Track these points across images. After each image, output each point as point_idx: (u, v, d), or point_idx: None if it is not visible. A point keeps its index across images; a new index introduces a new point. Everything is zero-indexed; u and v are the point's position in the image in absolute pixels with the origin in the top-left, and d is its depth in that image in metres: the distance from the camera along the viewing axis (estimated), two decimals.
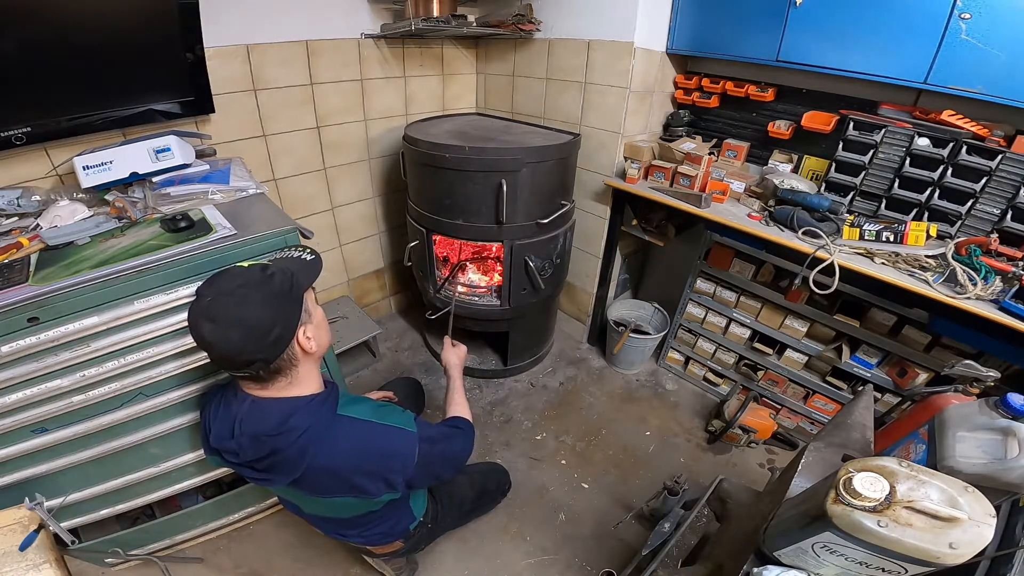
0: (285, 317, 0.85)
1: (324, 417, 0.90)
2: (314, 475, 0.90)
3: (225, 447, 0.90)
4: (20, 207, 1.24)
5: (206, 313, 0.80)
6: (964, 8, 1.25)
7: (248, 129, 1.78)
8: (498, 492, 1.63)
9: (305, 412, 0.88)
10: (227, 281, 0.83)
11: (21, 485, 1.12)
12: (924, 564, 0.56)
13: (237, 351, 0.80)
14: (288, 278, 0.87)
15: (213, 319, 0.79)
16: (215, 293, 0.81)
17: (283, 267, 0.89)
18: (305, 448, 0.87)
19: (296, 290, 0.88)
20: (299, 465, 0.88)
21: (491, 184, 1.69)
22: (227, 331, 0.79)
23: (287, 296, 0.86)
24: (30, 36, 1.19)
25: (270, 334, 0.82)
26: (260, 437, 0.86)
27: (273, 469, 0.89)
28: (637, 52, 1.78)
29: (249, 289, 0.82)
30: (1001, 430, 0.77)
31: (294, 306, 0.87)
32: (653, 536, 1.20)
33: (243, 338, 0.80)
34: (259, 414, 0.88)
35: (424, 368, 2.37)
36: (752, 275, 1.89)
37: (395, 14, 1.97)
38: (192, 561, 1.52)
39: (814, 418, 1.92)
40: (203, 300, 0.81)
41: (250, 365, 0.83)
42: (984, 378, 1.05)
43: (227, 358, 0.82)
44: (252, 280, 0.83)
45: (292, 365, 0.88)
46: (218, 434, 0.92)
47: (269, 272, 0.86)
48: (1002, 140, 1.38)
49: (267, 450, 0.87)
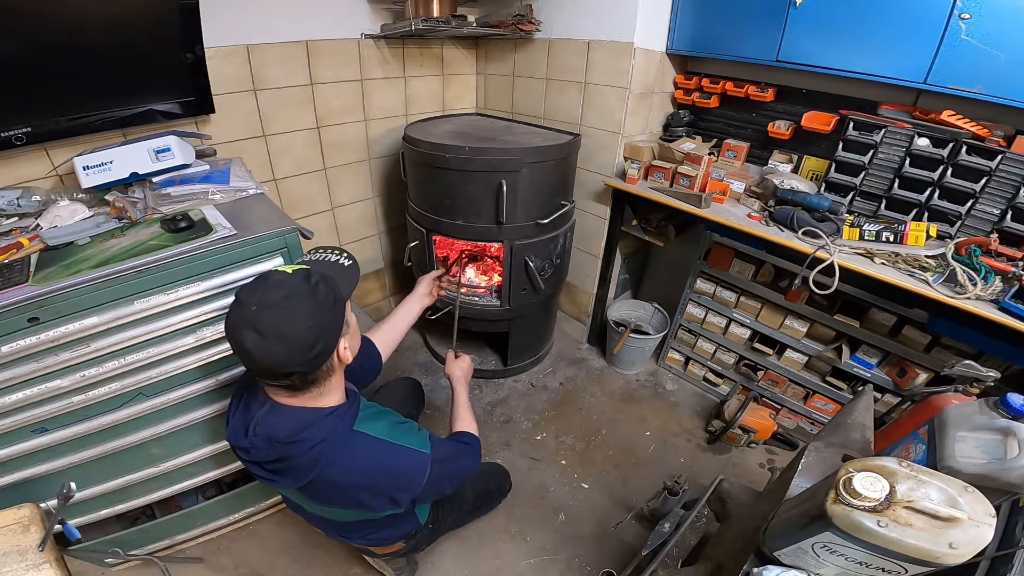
0: (329, 331, 0.83)
1: (340, 431, 0.89)
2: (321, 485, 0.90)
3: (238, 444, 0.90)
4: (20, 207, 1.24)
5: (251, 323, 0.77)
6: (964, 8, 1.25)
7: (248, 129, 1.78)
8: (498, 493, 1.63)
9: (322, 424, 0.87)
10: (272, 291, 0.80)
11: (21, 485, 1.12)
12: (924, 564, 0.56)
13: (279, 364, 0.79)
14: (331, 289, 0.85)
15: (258, 330, 0.77)
16: (260, 303, 0.78)
17: (324, 275, 0.86)
18: (317, 459, 0.87)
19: (339, 303, 0.87)
20: (308, 474, 0.88)
21: (491, 184, 1.69)
22: (272, 345, 0.77)
23: (332, 309, 0.84)
24: (31, 36, 1.18)
25: (314, 349, 0.80)
26: (274, 442, 0.86)
27: (281, 473, 0.89)
28: (637, 52, 1.78)
29: (295, 301, 0.79)
30: (1001, 430, 0.77)
31: (338, 317, 0.86)
32: (653, 536, 1.19)
33: (288, 352, 0.78)
34: (277, 419, 0.87)
35: (424, 368, 2.37)
36: (752, 275, 1.89)
37: (395, 14, 1.97)
38: (192, 561, 1.52)
39: (814, 418, 1.92)
40: (247, 308, 0.78)
41: (288, 376, 0.81)
42: (984, 378, 1.05)
43: (267, 369, 0.80)
44: (297, 291, 0.80)
45: (328, 376, 0.88)
46: (233, 430, 0.92)
47: (313, 282, 0.83)
48: (1002, 140, 1.38)
49: (278, 455, 0.86)
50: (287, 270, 0.85)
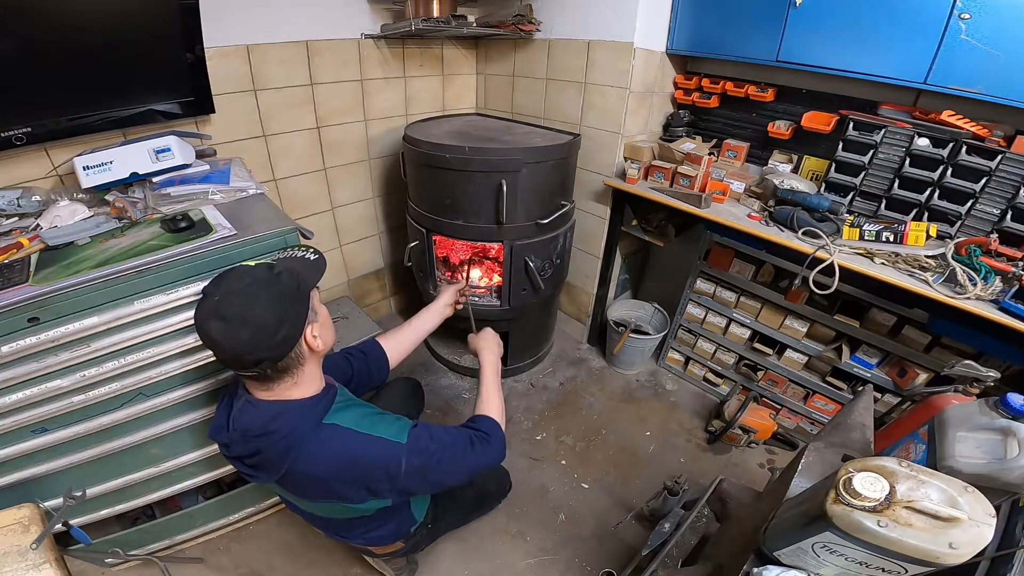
0: (293, 315, 0.85)
1: (308, 422, 0.89)
2: (296, 478, 0.91)
3: (220, 439, 0.92)
4: (20, 207, 1.24)
5: (215, 312, 0.80)
6: (964, 8, 1.25)
7: (248, 129, 1.78)
8: (498, 493, 1.62)
9: (290, 416, 0.88)
10: (235, 280, 0.83)
11: (21, 485, 1.12)
12: (924, 564, 0.56)
13: (247, 350, 0.80)
14: (295, 277, 0.87)
15: (222, 317, 0.79)
16: (223, 292, 0.81)
17: (289, 266, 0.90)
18: (286, 452, 0.88)
19: (303, 288, 0.89)
20: (280, 466, 0.89)
21: (491, 184, 1.69)
22: (237, 330, 0.79)
23: (295, 294, 0.86)
24: (30, 36, 1.18)
25: (279, 332, 0.82)
26: (248, 436, 0.88)
27: (258, 467, 0.91)
28: (637, 52, 1.78)
29: (257, 288, 0.82)
30: (1001, 430, 0.77)
31: (302, 304, 0.88)
32: (653, 536, 1.19)
33: (253, 336, 0.80)
34: (250, 413, 0.88)
35: (424, 368, 2.37)
36: (752, 275, 1.89)
37: (395, 14, 1.97)
38: (192, 561, 1.52)
39: (814, 418, 1.92)
40: (211, 299, 0.81)
41: (258, 364, 0.83)
42: (984, 378, 1.05)
43: (236, 357, 0.81)
44: (260, 279, 0.83)
45: (299, 364, 0.89)
46: (215, 426, 0.94)
47: (276, 271, 0.86)
48: (1002, 140, 1.38)
49: (252, 448, 0.88)
50: (250, 263, 0.88)
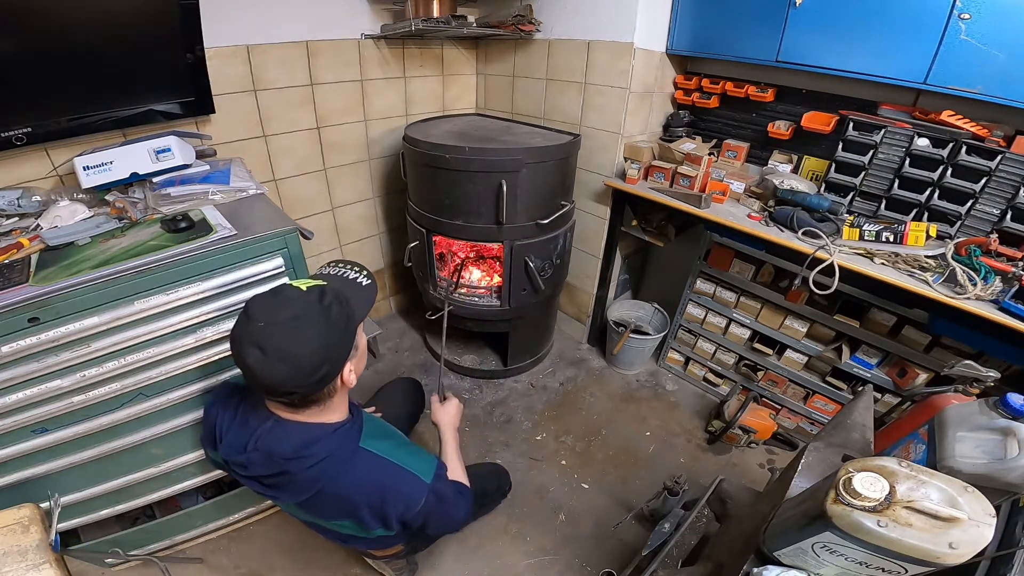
0: (336, 355, 0.81)
1: (346, 447, 0.88)
2: (322, 499, 0.89)
3: (234, 460, 0.88)
4: (20, 207, 1.24)
5: (255, 340, 0.75)
6: (964, 8, 1.25)
7: (248, 129, 1.78)
8: (498, 493, 1.62)
9: (328, 441, 0.86)
10: (282, 308, 0.77)
11: (21, 485, 1.12)
12: (924, 564, 0.56)
13: (280, 383, 0.77)
14: (345, 309, 0.83)
15: (262, 348, 0.75)
16: (268, 320, 0.76)
17: (339, 294, 0.84)
18: (320, 476, 0.85)
19: (351, 324, 0.85)
20: (310, 490, 0.86)
21: (491, 184, 1.69)
22: (274, 364, 0.75)
23: (342, 333, 0.82)
24: (30, 36, 1.18)
25: (317, 372, 0.78)
26: (275, 457, 0.84)
27: (281, 488, 0.88)
28: (637, 52, 1.78)
29: (304, 322, 0.77)
30: (1001, 430, 0.77)
31: (347, 343, 0.84)
32: (653, 536, 1.20)
33: (288, 374, 0.76)
34: (280, 434, 0.85)
35: (424, 368, 2.37)
36: (752, 275, 1.89)
37: (395, 15, 1.97)
38: (192, 561, 1.52)
39: (814, 418, 1.92)
40: (254, 324, 0.76)
41: (288, 395, 0.80)
42: (984, 378, 1.05)
43: (266, 386, 0.78)
44: (309, 312, 0.78)
45: (329, 397, 0.86)
46: (230, 445, 0.89)
47: (327, 302, 0.81)
48: (1002, 140, 1.38)
49: (278, 470, 0.85)
50: (302, 286, 0.82)
